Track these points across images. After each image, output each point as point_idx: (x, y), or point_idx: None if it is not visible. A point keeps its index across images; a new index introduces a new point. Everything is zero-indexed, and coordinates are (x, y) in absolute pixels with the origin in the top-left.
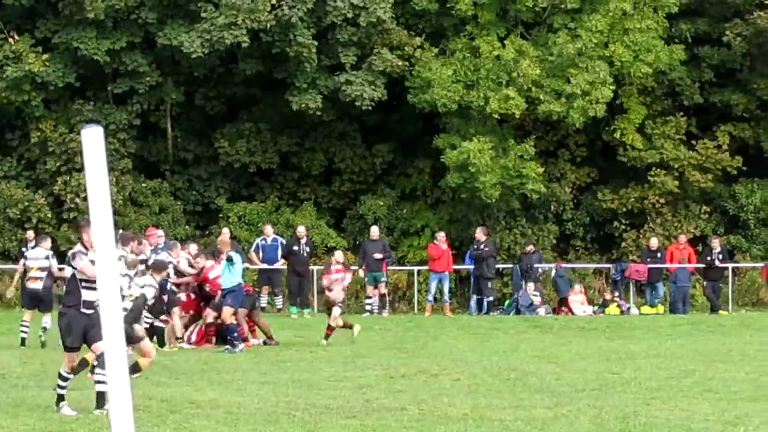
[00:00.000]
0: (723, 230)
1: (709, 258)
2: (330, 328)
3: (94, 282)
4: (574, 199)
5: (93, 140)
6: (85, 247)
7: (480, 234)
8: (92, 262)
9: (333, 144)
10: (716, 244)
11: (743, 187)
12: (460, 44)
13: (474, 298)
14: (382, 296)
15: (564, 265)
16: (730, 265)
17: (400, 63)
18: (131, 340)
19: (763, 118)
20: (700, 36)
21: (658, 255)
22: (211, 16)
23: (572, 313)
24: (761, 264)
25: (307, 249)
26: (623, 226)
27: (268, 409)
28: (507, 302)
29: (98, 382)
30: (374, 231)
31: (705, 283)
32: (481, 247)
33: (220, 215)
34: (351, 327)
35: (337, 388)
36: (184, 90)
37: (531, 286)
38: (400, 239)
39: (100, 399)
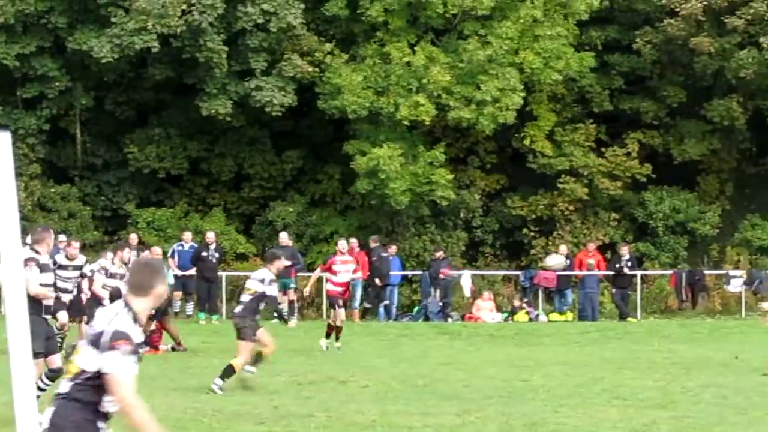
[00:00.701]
0: (632, 238)
1: (617, 265)
2: (338, 329)
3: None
4: (484, 206)
5: (0, 145)
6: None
7: (372, 242)
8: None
9: (243, 150)
10: (625, 251)
11: (652, 195)
12: (371, 50)
13: (382, 304)
14: (291, 302)
15: (470, 272)
16: (639, 273)
17: (310, 69)
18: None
19: (672, 126)
20: (611, 43)
21: (567, 262)
22: (121, 21)
23: (479, 320)
24: (670, 271)
25: (216, 255)
26: (532, 233)
27: (176, 415)
28: (416, 309)
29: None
30: (283, 237)
31: (614, 290)
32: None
33: (129, 221)
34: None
35: (245, 394)
36: (94, 95)
37: (440, 293)
38: (309, 245)
39: None
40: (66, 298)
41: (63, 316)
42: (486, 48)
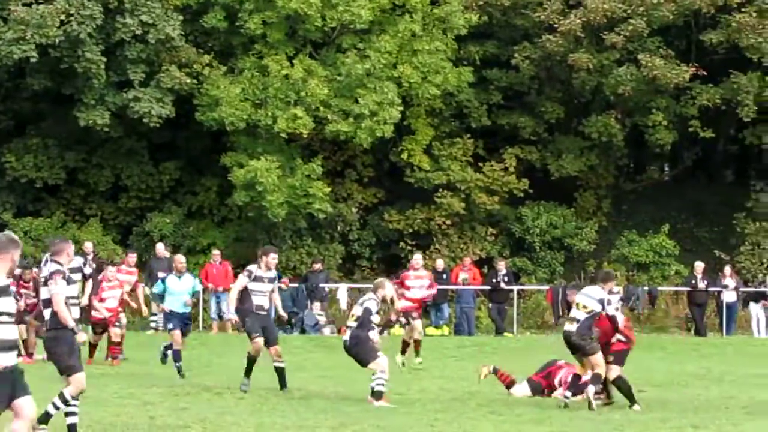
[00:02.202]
0: (509, 252)
1: (494, 280)
2: (416, 342)
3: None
4: (361, 220)
5: None
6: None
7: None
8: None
9: (120, 160)
10: (502, 266)
11: (529, 210)
12: (249, 63)
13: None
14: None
15: (346, 285)
16: (516, 288)
17: (188, 80)
18: None
19: (550, 142)
20: (489, 58)
21: (444, 276)
22: (0, 31)
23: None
24: (546, 287)
25: (94, 265)
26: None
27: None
28: (292, 321)
29: (69, 413)
30: (160, 248)
31: (490, 305)
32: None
33: (6, 230)
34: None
35: (122, 404)
36: None
37: (317, 305)
38: (186, 257)
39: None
40: None
41: None
42: (364, 62)
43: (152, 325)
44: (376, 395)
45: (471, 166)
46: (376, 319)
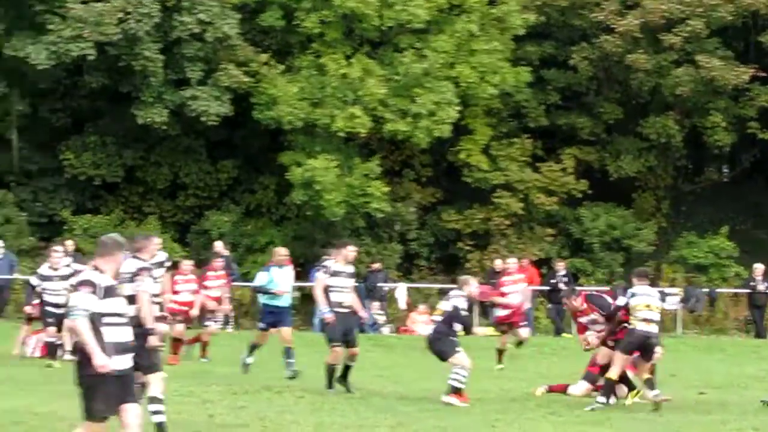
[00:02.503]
0: (567, 253)
1: (553, 280)
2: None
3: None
4: (419, 219)
5: None
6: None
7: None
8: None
9: (178, 158)
10: (560, 266)
11: (588, 211)
12: (306, 62)
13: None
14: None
15: (405, 284)
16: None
17: (245, 79)
18: None
19: (608, 142)
20: (547, 59)
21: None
22: (58, 28)
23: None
24: (605, 288)
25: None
26: (467, 247)
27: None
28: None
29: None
30: (218, 246)
31: (549, 305)
32: None
33: (65, 227)
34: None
35: (182, 402)
36: (30, 101)
37: (376, 304)
38: (244, 255)
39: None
40: None
41: None
42: (422, 61)
43: (206, 323)
44: (451, 390)
45: (529, 167)
46: (463, 315)
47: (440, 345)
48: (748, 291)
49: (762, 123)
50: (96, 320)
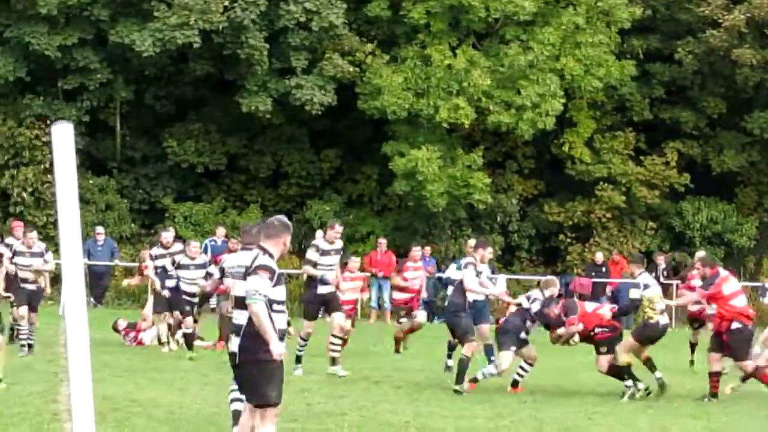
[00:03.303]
0: (668, 247)
1: (654, 274)
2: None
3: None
4: (521, 211)
5: (63, 136)
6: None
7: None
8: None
9: (281, 147)
10: (661, 260)
11: (690, 205)
12: (412, 52)
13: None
14: None
15: (505, 276)
16: (675, 282)
17: (350, 69)
18: None
19: (711, 137)
20: (652, 52)
21: (603, 269)
22: (164, 16)
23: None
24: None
25: None
26: (569, 239)
27: (209, 410)
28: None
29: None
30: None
31: None
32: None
33: (166, 215)
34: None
35: None
36: (134, 88)
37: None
38: (345, 245)
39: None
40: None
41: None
42: (527, 53)
43: None
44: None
45: (632, 160)
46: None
47: (500, 335)
48: None
49: None
50: (268, 306)
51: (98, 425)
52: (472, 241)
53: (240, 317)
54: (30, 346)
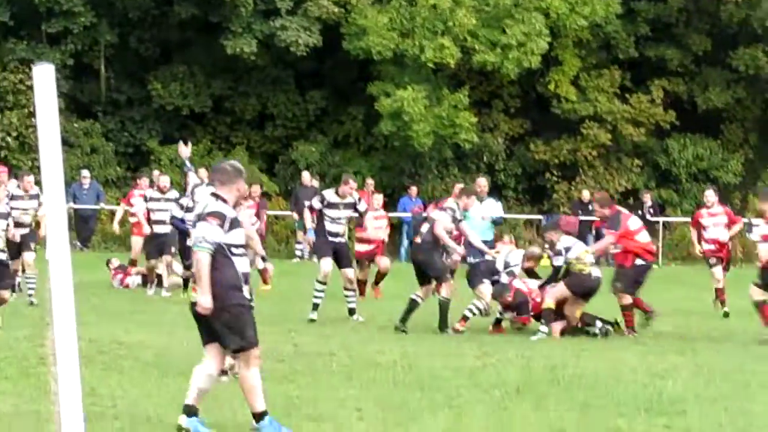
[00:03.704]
0: (654, 184)
1: (639, 212)
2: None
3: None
4: (507, 150)
5: (44, 77)
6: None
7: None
8: None
9: (266, 89)
10: (647, 197)
11: (676, 142)
12: None
13: (405, 244)
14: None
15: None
16: (661, 219)
17: (335, 9)
18: None
19: (697, 74)
20: None
21: (590, 207)
22: None
23: None
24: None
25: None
26: (555, 178)
27: (196, 352)
28: None
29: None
30: (306, 177)
31: None
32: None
33: (152, 157)
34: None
35: (266, 332)
36: (119, 31)
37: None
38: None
39: None
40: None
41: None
42: None
43: (297, 253)
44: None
45: (618, 98)
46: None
47: (471, 276)
48: None
49: None
50: (225, 252)
51: (85, 368)
52: (459, 186)
53: None
54: (14, 286)
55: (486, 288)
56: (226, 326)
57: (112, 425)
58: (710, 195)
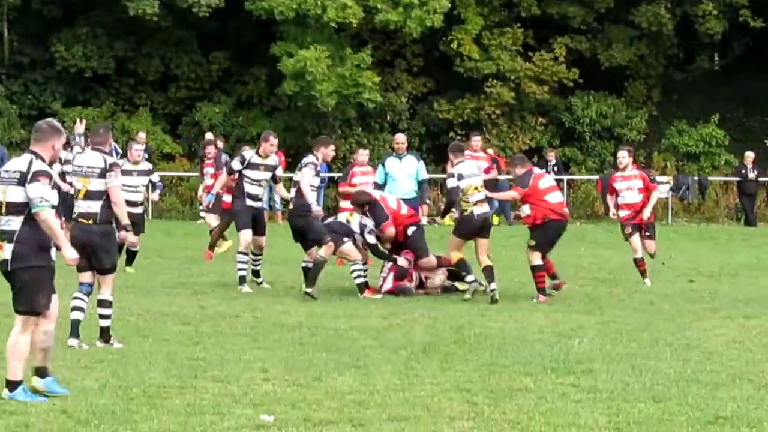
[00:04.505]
0: (558, 142)
1: (544, 170)
2: None
3: None
4: (410, 109)
5: None
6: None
7: None
8: None
9: (170, 50)
10: (551, 156)
11: (579, 100)
12: None
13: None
14: None
15: None
16: (565, 177)
17: None
18: None
19: (599, 31)
20: None
21: (494, 166)
22: None
23: None
24: (596, 177)
25: (146, 156)
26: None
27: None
28: None
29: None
30: (209, 137)
31: None
32: None
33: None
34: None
35: (172, 294)
36: None
37: None
38: (235, 146)
39: None
40: None
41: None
42: None
43: (201, 215)
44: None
45: (521, 56)
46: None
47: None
48: (739, 179)
49: (753, 10)
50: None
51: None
52: (362, 152)
53: (12, 223)
54: None
55: (348, 247)
56: (21, 287)
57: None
58: (623, 156)
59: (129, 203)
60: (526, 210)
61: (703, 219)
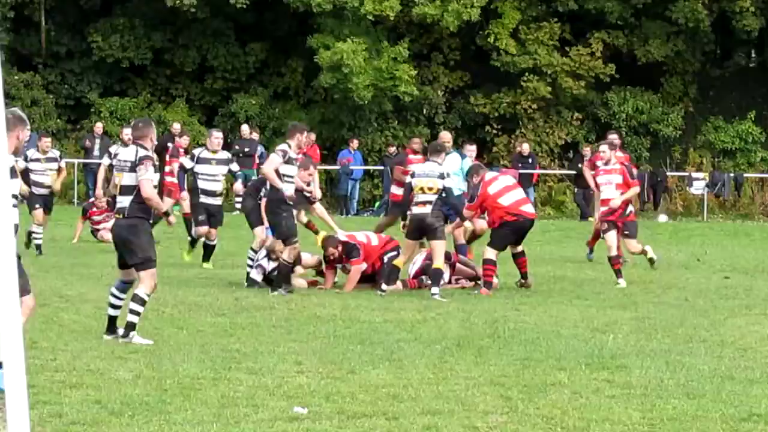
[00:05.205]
0: (594, 137)
1: (579, 165)
2: None
3: None
4: (447, 103)
5: None
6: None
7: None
8: None
9: (207, 41)
10: (587, 151)
11: (615, 95)
12: None
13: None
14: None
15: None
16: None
17: None
18: None
19: (637, 27)
20: None
21: (530, 160)
22: None
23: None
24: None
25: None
26: (495, 131)
27: None
28: (377, 204)
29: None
30: (245, 129)
31: (576, 190)
32: None
33: (92, 110)
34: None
35: (207, 285)
36: None
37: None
38: (272, 138)
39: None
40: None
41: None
42: None
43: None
44: None
45: (557, 51)
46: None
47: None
48: None
49: None
50: None
51: (27, 321)
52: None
53: (124, 201)
54: None
55: (261, 230)
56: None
57: (53, 378)
58: (603, 151)
59: (207, 193)
60: (485, 216)
61: (739, 216)
